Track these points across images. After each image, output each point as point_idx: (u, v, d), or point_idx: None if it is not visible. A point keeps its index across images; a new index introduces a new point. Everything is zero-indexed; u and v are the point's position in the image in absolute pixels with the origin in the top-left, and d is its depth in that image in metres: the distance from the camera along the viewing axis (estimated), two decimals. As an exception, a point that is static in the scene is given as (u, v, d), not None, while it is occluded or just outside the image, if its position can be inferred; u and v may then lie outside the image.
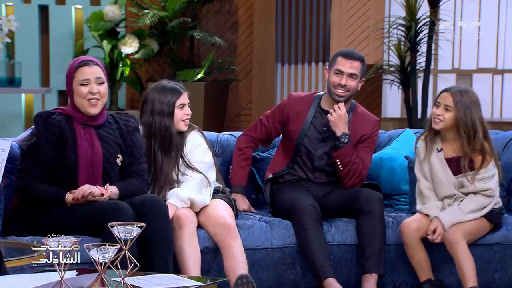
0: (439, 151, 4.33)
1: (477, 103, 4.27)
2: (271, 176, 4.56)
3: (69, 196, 3.85)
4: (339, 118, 4.41)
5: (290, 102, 4.59)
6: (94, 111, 3.91)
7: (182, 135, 4.27)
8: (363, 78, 4.51)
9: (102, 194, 3.81)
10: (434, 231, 4.20)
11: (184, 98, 4.28)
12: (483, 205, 4.24)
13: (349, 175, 4.43)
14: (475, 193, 4.25)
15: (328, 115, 4.43)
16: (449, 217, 4.20)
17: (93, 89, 3.88)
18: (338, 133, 4.42)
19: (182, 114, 4.26)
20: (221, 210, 4.15)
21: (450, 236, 4.16)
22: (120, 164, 3.97)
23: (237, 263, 4.01)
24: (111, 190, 3.88)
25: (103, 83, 3.92)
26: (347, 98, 4.47)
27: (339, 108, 4.42)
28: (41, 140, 3.86)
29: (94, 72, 3.90)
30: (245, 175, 4.60)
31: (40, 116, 3.90)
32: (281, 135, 4.66)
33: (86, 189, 3.80)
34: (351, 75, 4.43)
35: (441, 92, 4.34)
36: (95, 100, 3.89)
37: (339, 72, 4.44)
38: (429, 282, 4.26)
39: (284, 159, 4.57)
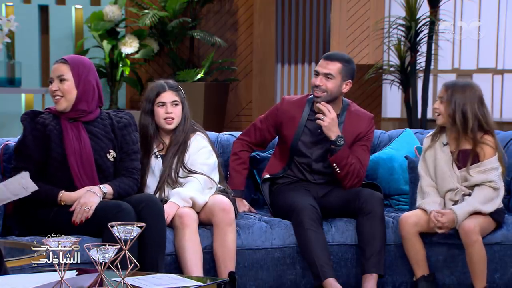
0: (444, 145, 4.33)
1: (473, 96, 4.26)
2: (268, 176, 4.55)
3: (63, 196, 3.85)
4: (332, 122, 4.39)
5: (283, 106, 4.57)
6: (58, 107, 3.96)
7: (176, 137, 4.26)
8: (349, 80, 4.45)
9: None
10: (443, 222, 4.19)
11: (165, 97, 4.26)
12: (490, 198, 4.23)
13: (348, 176, 4.42)
14: (479, 185, 4.25)
15: (319, 120, 4.38)
16: (464, 208, 4.18)
17: (53, 86, 3.97)
18: (333, 137, 4.39)
19: (162, 113, 4.26)
20: (221, 197, 4.17)
21: (467, 226, 4.13)
22: (112, 160, 3.97)
23: (227, 252, 4.04)
24: (105, 191, 3.88)
25: (65, 80, 3.95)
26: (325, 99, 4.41)
27: (329, 111, 4.39)
28: (27, 136, 3.90)
29: (57, 70, 3.98)
30: (242, 179, 4.59)
31: (27, 114, 3.97)
32: (277, 137, 4.65)
33: (83, 210, 3.81)
34: (326, 75, 4.40)
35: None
36: (57, 97, 3.95)
37: (316, 73, 4.44)
38: (424, 279, 4.26)
39: (280, 162, 4.56)
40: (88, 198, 3.82)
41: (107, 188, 3.89)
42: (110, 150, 3.98)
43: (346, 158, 4.38)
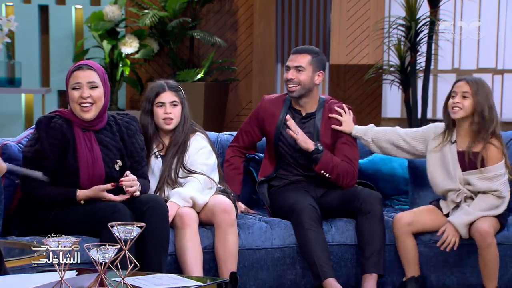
0: (452, 143, 4.31)
1: (490, 91, 4.29)
2: (263, 179, 4.55)
3: (80, 194, 3.83)
4: (302, 134, 4.38)
5: (263, 105, 4.59)
6: (87, 116, 3.87)
7: (175, 137, 4.26)
8: (321, 71, 4.46)
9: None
10: (445, 237, 4.20)
11: (164, 97, 4.26)
12: (493, 205, 4.20)
13: (340, 177, 4.42)
14: (484, 192, 4.23)
15: (292, 135, 4.35)
16: (461, 218, 4.19)
17: (84, 93, 3.84)
18: (312, 146, 4.39)
19: (161, 113, 4.26)
20: (223, 197, 4.17)
21: (483, 229, 4.10)
22: (118, 169, 3.96)
23: (229, 253, 4.05)
24: (133, 187, 3.87)
25: (96, 87, 3.87)
26: (300, 92, 4.43)
27: (290, 125, 4.36)
28: (44, 146, 3.82)
29: (86, 76, 3.86)
30: (238, 184, 4.58)
31: (41, 121, 3.86)
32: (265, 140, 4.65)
33: (134, 185, 3.83)
34: (296, 68, 4.42)
35: (455, 82, 4.33)
36: (88, 105, 3.85)
37: (287, 68, 4.47)
38: (413, 280, 4.25)
39: (271, 163, 4.57)
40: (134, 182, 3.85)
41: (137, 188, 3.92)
42: (118, 161, 3.96)
43: (331, 161, 4.38)
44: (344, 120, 4.47)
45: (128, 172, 3.86)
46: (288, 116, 4.41)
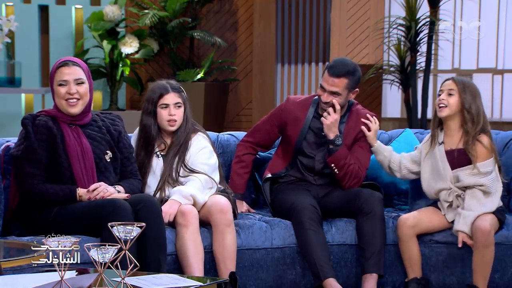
0: (440, 144, 4.33)
1: (478, 93, 4.29)
2: (269, 176, 4.55)
3: (80, 191, 3.87)
4: (334, 122, 4.38)
5: (288, 107, 4.56)
6: (73, 110, 3.93)
7: (177, 137, 4.27)
8: (356, 89, 4.42)
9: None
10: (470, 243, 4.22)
11: (168, 99, 4.26)
12: (481, 199, 4.21)
13: (346, 177, 4.42)
14: (471, 188, 4.24)
15: (322, 118, 4.40)
16: (464, 224, 4.19)
17: (71, 89, 3.90)
18: (332, 136, 4.39)
19: (165, 115, 4.26)
20: (220, 197, 4.17)
21: (484, 227, 4.11)
22: (109, 160, 4.00)
23: (227, 253, 4.05)
24: (119, 190, 3.94)
25: (82, 83, 3.93)
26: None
27: (334, 111, 4.39)
28: (32, 141, 3.87)
29: (73, 73, 3.92)
30: (243, 183, 4.59)
31: (27, 118, 3.92)
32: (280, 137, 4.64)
33: (103, 189, 3.86)
34: (332, 93, 4.39)
35: (443, 82, 4.36)
36: (74, 100, 3.92)
37: (322, 88, 4.41)
38: (415, 281, 4.26)
39: (283, 161, 4.56)
40: (106, 186, 3.90)
41: (121, 189, 3.97)
42: (108, 151, 4.00)
43: (344, 159, 4.38)
44: (374, 129, 4.49)
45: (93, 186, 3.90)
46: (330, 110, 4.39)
